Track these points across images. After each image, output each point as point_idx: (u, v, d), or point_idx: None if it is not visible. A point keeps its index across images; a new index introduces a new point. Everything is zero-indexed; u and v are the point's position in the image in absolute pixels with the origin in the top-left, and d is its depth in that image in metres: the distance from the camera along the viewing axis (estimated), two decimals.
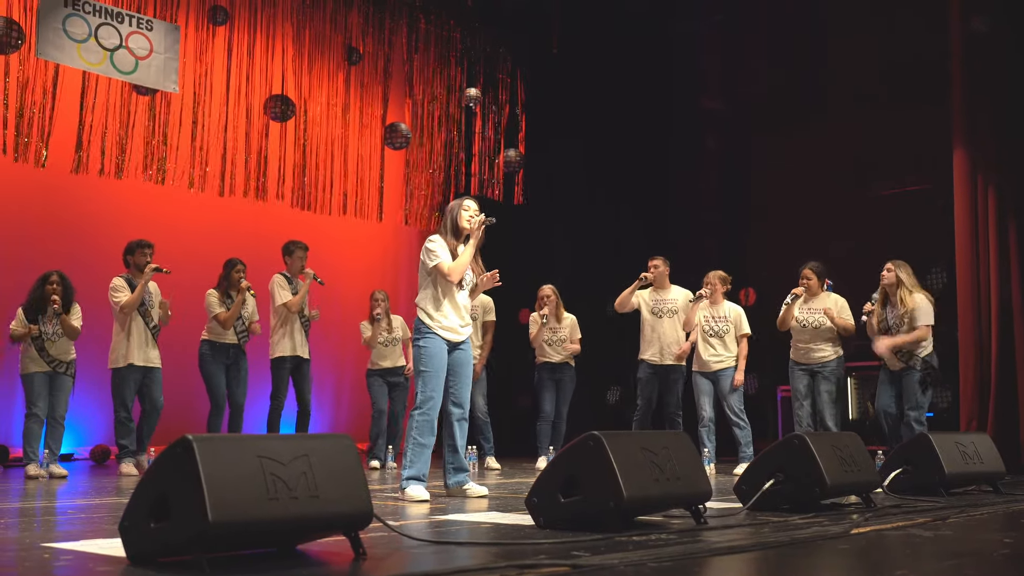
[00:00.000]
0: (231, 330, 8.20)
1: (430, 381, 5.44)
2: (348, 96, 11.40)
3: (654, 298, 8.44)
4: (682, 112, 12.03)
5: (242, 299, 8.18)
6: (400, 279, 11.95)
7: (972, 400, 8.28)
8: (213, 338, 8.19)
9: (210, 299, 8.20)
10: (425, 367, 5.45)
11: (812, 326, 7.90)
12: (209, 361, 8.18)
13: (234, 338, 8.22)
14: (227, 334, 8.20)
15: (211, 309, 8.17)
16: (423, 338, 5.50)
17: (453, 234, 5.63)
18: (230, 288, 8.25)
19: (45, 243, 9.10)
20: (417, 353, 5.51)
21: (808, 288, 7.96)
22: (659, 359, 8.38)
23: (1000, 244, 8.31)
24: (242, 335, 8.25)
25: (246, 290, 8.20)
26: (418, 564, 3.10)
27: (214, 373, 8.18)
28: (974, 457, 5.69)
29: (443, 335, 5.51)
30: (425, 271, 5.59)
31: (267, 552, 3.19)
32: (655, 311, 8.41)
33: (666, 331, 8.37)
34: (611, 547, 3.30)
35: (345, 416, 11.43)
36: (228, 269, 8.30)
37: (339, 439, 3.24)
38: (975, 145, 8.51)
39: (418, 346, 5.50)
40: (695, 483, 4.03)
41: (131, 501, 2.98)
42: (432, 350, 5.47)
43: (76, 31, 8.74)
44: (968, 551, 3.44)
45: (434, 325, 5.51)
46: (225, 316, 8.13)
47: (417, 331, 5.55)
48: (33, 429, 7.41)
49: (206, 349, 8.20)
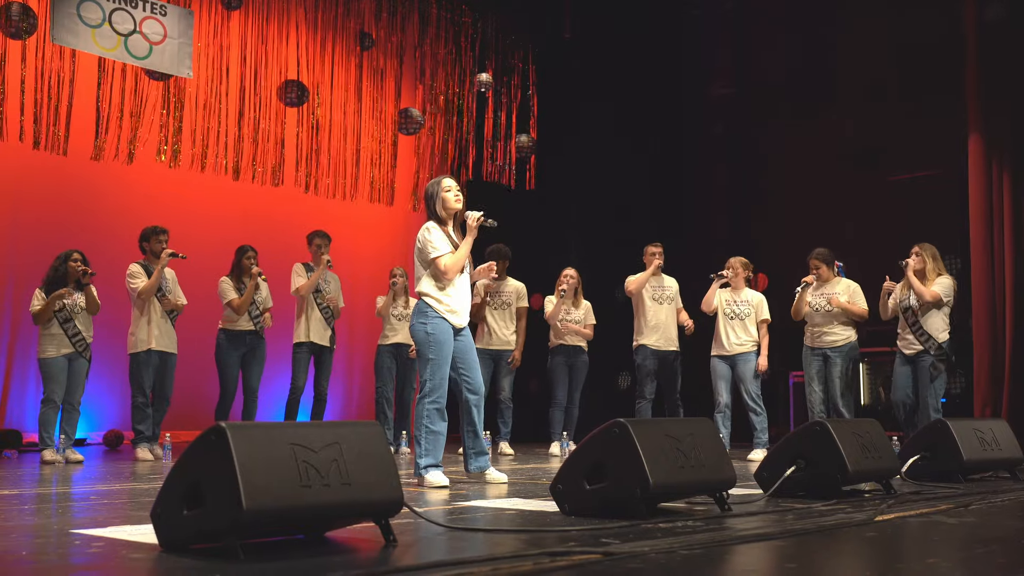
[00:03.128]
0: (245, 316, 8.21)
1: (439, 369, 5.41)
2: (361, 81, 11.40)
3: (655, 285, 8.50)
4: (692, 98, 12.02)
5: (254, 285, 8.19)
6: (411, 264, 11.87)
7: (986, 386, 8.30)
8: (228, 326, 8.22)
9: (223, 286, 8.21)
10: (433, 355, 5.41)
11: (825, 309, 7.91)
12: (225, 350, 8.22)
13: (249, 324, 8.24)
14: (242, 321, 8.22)
15: (224, 296, 8.19)
16: (430, 322, 5.45)
17: (438, 220, 5.61)
18: (242, 275, 8.26)
19: (60, 228, 9.10)
20: (424, 339, 5.44)
21: (819, 276, 7.97)
22: (661, 345, 8.43)
23: (1015, 230, 8.32)
24: (257, 320, 8.27)
25: (257, 276, 8.21)
26: (449, 551, 3.11)
27: (227, 362, 8.21)
28: (992, 443, 5.68)
29: (449, 319, 5.50)
30: (422, 259, 5.57)
31: (297, 539, 3.20)
32: (656, 298, 8.48)
33: (667, 317, 8.46)
34: (639, 534, 3.30)
35: (356, 402, 11.44)
36: (239, 256, 8.32)
37: (369, 426, 3.24)
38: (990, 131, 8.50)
39: (425, 332, 5.44)
40: (719, 470, 4.04)
41: (163, 488, 2.99)
42: (440, 337, 5.43)
43: (90, 16, 8.74)
44: (995, 537, 3.44)
45: (441, 308, 5.48)
46: (238, 302, 8.14)
47: (423, 315, 5.47)
48: (49, 414, 7.42)
49: (222, 338, 8.24)
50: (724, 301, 8.26)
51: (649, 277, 8.45)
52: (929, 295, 7.38)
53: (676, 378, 8.55)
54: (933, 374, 7.37)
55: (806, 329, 8.07)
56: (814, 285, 7.99)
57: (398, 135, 11.50)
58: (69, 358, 7.50)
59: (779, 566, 2.95)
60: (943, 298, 7.41)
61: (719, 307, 8.25)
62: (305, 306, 8.47)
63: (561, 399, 8.94)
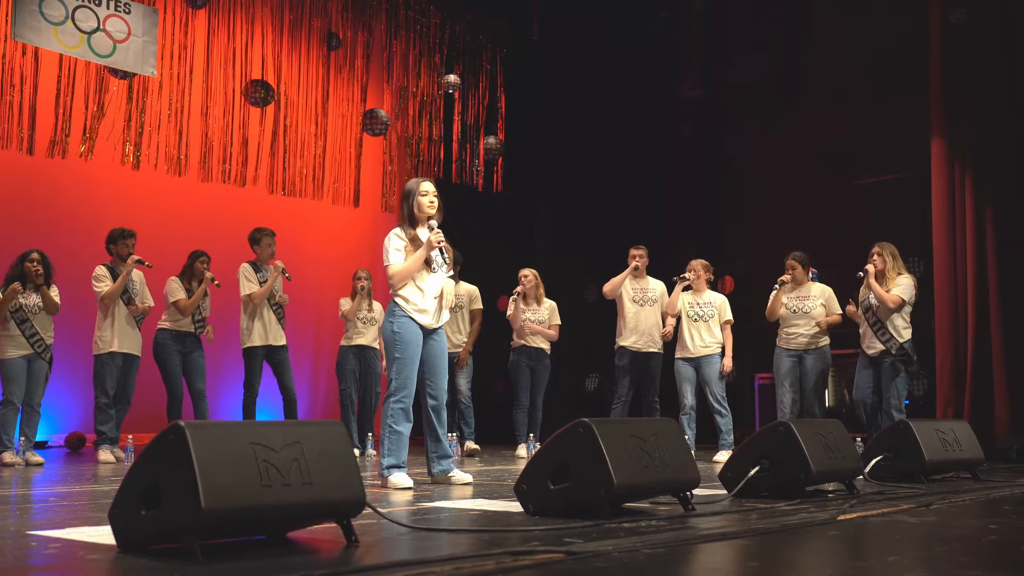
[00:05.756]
0: (189, 319, 8.11)
1: (404, 369, 5.39)
2: (327, 82, 11.35)
3: (635, 287, 8.48)
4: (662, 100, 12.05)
5: (203, 289, 8.10)
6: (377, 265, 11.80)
7: (949, 387, 8.36)
8: (171, 326, 8.11)
9: (172, 285, 8.12)
10: (400, 354, 5.40)
11: (801, 311, 7.96)
12: (166, 348, 8.07)
13: (191, 327, 8.14)
14: (184, 322, 8.11)
15: (172, 294, 8.07)
16: (397, 321, 5.43)
17: (410, 222, 5.59)
18: (192, 278, 8.17)
19: (21, 226, 8.99)
20: (391, 338, 5.43)
21: (794, 277, 8.03)
22: (640, 346, 8.41)
23: (977, 232, 8.38)
24: (199, 325, 8.16)
25: (210, 280, 8.11)
26: (411, 551, 3.09)
27: (170, 361, 8.06)
28: (953, 444, 5.74)
29: (417, 318, 5.47)
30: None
31: (258, 539, 3.17)
32: (637, 300, 8.45)
33: (648, 319, 8.42)
34: (603, 534, 3.30)
35: (321, 403, 11.39)
36: (192, 259, 8.21)
37: (331, 425, 3.22)
38: (952, 134, 8.57)
39: (392, 331, 5.43)
40: (684, 470, 4.04)
41: (121, 488, 2.95)
42: (406, 336, 5.41)
43: (53, 13, 8.63)
44: (955, 536, 3.46)
45: (409, 308, 5.45)
46: (185, 303, 8.04)
47: (391, 313, 5.47)
48: (9, 416, 7.33)
49: (166, 337, 8.09)
50: (687, 303, 8.29)
51: (624, 279, 8.44)
52: (891, 302, 7.43)
53: (654, 380, 8.46)
54: (893, 373, 7.42)
55: (779, 331, 8.10)
56: (788, 287, 8.05)
57: (364, 136, 11.44)
58: (28, 359, 7.41)
59: (742, 564, 2.95)
60: (905, 300, 7.48)
61: (682, 309, 8.28)
62: (256, 308, 8.31)
63: (524, 401, 8.93)
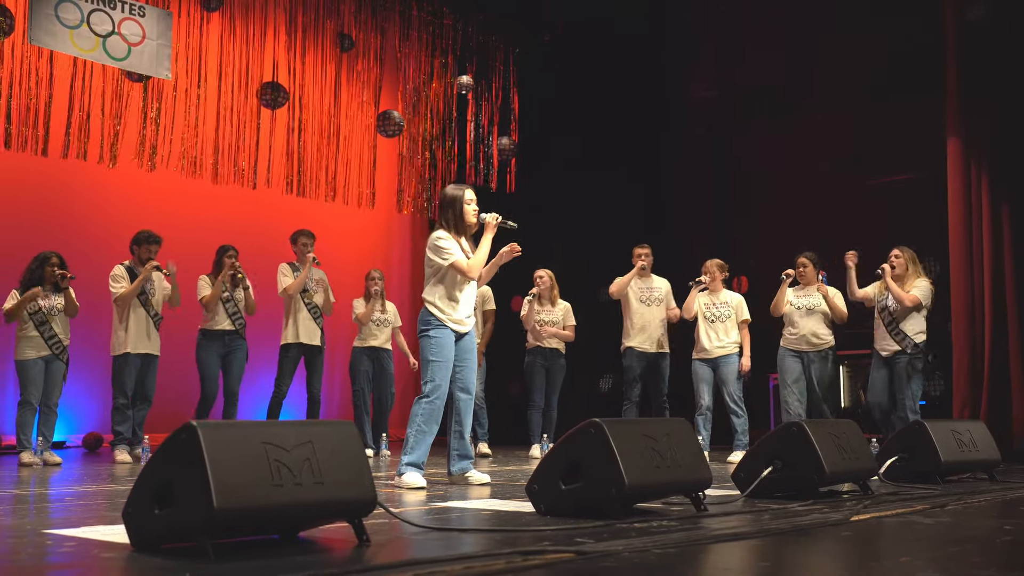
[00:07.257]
0: (224, 316, 8.17)
1: (439, 371, 5.41)
2: (341, 83, 11.37)
3: (642, 286, 8.48)
4: (674, 100, 12.01)
5: (223, 279, 8.13)
6: (392, 266, 11.93)
7: (965, 388, 8.31)
8: (207, 326, 8.20)
9: (199, 283, 8.24)
10: (435, 357, 5.41)
11: (807, 308, 7.94)
12: (206, 349, 8.18)
13: (229, 324, 8.20)
14: (220, 320, 8.18)
15: (198, 292, 8.18)
16: (433, 329, 5.45)
17: (456, 229, 5.59)
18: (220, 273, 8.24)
19: (37, 231, 9.03)
20: (426, 343, 5.44)
21: (803, 276, 8.01)
22: (648, 347, 8.41)
23: (994, 232, 8.33)
24: (236, 318, 8.22)
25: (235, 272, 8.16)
26: (422, 551, 3.10)
27: (207, 361, 8.17)
28: (969, 445, 5.71)
29: (452, 327, 5.49)
30: (433, 267, 5.54)
31: (270, 538, 3.18)
32: (643, 299, 8.45)
33: (654, 319, 8.43)
34: (614, 534, 3.30)
35: (337, 404, 11.41)
36: (220, 254, 8.30)
37: (343, 426, 3.23)
38: (969, 132, 8.52)
39: (427, 336, 5.44)
40: (695, 470, 4.04)
41: (135, 487, 2.97)
42: (443, 340, 5.44)
43: (68, 17, 8.68)
44: (969, 538, 3.45)
45: (444, 318, 5.47)
46: (207, 299, 8.12)
47: (426, 323, 5.47)
48: (27, 416, 7.39)
49: (203, 337, 8.21)
50: (703, 304, 8.28)
51: (631, 279, 8.45)
52: (909, 300, 7.42)
53: (662, 380, 8.47)
54: (909, 373, 7.40)
55: (784, 330, 8.09)
56: (798, 286, 8.03)
57: (378, 137, 11.46)
58: (46, 360, 7.46)
59: (753, 565, 2.95)
60: (922, 302, 7.46)
61: (699, 311, 8.26)
62: (292, 306, 8.42)
63: (539, 401, 8.93)
